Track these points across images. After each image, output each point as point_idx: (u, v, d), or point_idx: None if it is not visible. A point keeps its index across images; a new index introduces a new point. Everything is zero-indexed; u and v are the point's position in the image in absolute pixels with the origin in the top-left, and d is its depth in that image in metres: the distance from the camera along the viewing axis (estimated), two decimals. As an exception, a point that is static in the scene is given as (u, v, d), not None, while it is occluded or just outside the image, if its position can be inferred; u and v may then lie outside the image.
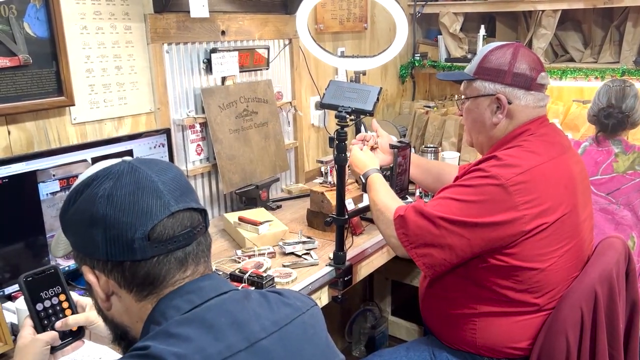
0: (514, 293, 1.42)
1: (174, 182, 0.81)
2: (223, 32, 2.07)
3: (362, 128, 2.44)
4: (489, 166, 1.40)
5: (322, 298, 1.63)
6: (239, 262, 1.69)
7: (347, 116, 1.58)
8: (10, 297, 1.42)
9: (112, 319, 0.85)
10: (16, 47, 1.47)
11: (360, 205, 1.88)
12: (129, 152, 1.68)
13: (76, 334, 0.99)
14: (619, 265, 1.45)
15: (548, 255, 1.39)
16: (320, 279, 1.62)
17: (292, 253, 1.76)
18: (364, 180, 1.62)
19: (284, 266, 1.67)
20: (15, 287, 1.44)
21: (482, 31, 2.93)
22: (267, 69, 2.27)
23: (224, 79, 2.10)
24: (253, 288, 1.48)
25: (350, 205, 1.82)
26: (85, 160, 1.57)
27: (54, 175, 1.50)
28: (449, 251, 1.39)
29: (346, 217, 1.61)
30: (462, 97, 1.58)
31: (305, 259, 1.72)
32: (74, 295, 1.02)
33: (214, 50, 2.01)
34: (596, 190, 2.09)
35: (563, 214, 1.40)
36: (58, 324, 0.97)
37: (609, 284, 1.41)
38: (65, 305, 0.99)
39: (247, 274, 1.52)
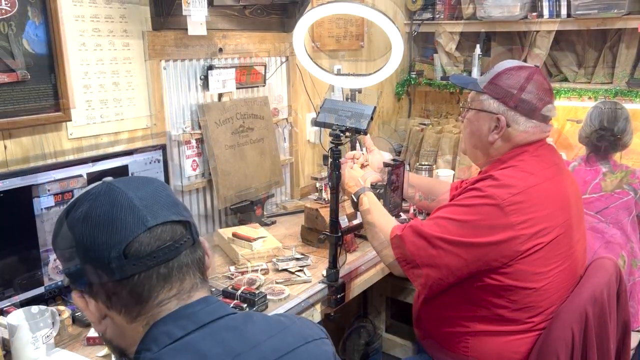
0: (508, 312, 1.42)
1: (152, 197, 0.78)
2: (220, 50, 2.10)
3: (357, 145, 2.45)
4: (485, 186, 1.41)
5: (315, 315, 1.63)
6: (232, 279, 1.69)
7: (342, 134, 1.59)
8: (2, 312, 1.41)
9: (110, 340, 0.83)
10: (14, 62, 1.48)
11: (355, 222, 1.89)
12: (125, 168, 1.69)
13: None
14: (610, 286, 1.46)
15: (543, 275, 1.40)
16: (313, 296, 1.62)
17: (285, 270, 1.76)
18: (355, 199, 1.62)
19: (276, 283, 1.68)
20: (7, 302, 1.44)
21: (478, 50, 2.97)
22: (263, 85, 2.29)
23: (220, 95, 2.12)
24: (245, 305, 1.48)
25: (344, 223, 1.83)
26: (80, 176, 1.57)
27: (49, 190, 1.50)
28: (445, 270, 1.39)
29: (340, 234, 1.62)
30: (468, 101, 1.58)
31: (299, 276, 1.72)
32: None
33: (211, 67, 2.03)
34: (585, 209, 2.11)
35: (558, 234, 1.41)
36: None
37: (600, 305, 1.42)
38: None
39: (240, 291, 1.52)
